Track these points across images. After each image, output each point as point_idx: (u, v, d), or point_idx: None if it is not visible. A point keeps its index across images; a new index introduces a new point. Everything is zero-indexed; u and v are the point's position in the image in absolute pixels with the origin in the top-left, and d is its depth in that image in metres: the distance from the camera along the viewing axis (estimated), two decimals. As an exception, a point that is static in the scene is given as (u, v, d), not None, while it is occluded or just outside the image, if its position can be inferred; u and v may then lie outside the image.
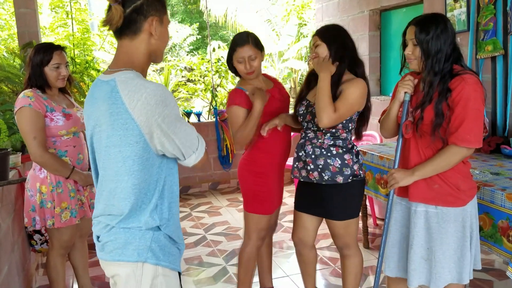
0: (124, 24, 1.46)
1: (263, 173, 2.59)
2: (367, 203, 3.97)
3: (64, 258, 2.80)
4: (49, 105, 2.56)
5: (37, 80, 2.57)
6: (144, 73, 1.53)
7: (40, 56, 2.56)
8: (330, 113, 2.22)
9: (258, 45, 2.53)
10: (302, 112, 2.43)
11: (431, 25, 2.00)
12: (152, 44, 1.52)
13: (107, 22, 1.46)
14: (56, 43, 2.73)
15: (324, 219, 2.55)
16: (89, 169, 2.75)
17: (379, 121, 2.38)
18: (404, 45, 2.13)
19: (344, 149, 2.37)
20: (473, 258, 2.17)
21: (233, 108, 2.52)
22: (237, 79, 2.74)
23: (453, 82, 1.99)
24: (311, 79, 2.49)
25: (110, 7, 1.45)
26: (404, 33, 2.12)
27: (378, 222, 4.28)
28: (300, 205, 2.57)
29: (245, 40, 2.49)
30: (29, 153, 2.51)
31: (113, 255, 1.51)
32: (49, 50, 2.59)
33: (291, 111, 2.69)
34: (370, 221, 4.18)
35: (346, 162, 2.36)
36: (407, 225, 2.23)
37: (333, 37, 2.35)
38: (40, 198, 2.60)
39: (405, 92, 2.13)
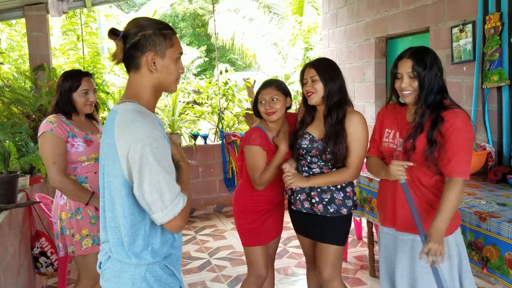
0: (125, 59, 1.52)
1: (245, 210, 2.64)
2: (374, 230, 3.95)
3: None
4: (71, 131, 2.55)
5: (65, 106, 2.58)
6: (150, 106, 1.55)
7: (69, 83, 2.58)
8: (354, 175, 2.38)
9: (281, 89, 2.56)
10: (306, 146, 2.43)
11: (426, 58, 2.04)
12: (155, 78, 1.52)
13: (113, 56, 1.54)
14: (67, 65, 2.77)
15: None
16: None
17: (366, 165, 2.41)
18: (393, 78, 2.14)
19: (347, 182, 2.45)
20: None
21: (255, 149, 2.51)
22: (244, 103, 2.78)
23: (445, 114, 2.03)
24: (307, 112, 2.51)
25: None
26: (395, 66, 2.12)
27: (384, 249, 4.24)
28: (299, 229, 2.63)
29: (269, 83, 2.58)
30: (49, 178, 2.51)
31: (110, 283, 1.53)
32: (78, 76, 2.61)
33: None
34: (376, 248, 4.15)
35: (347, 194, 2.44)
36: (394, 253, 2.23)
37: (331, 80, 2.37)
38: (61, 225, 2.58)
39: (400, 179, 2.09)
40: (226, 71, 9.12)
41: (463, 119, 2.01)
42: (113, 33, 1.49)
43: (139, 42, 1.48)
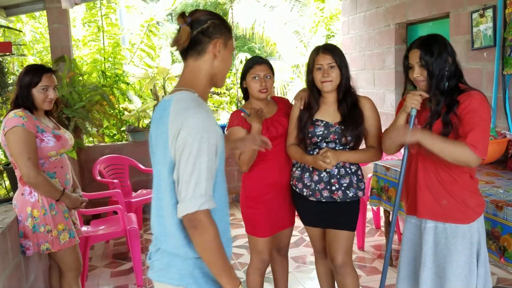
0: (190, 45, 1.52)
1: (253, 197, 2.62)
2: (391, 219, 3.91)
3: (78, 280, 2.71)
4: (40, 126, 2.50)
5: (24, 101, 2.50)
6: (204, 95, 1.56)
7: (29, 77, 2.50)
8: (380, 155, 2.44)
9: (271, 69, 2.59)
10: (321, 132, 2.41)
11: (434, 46, 2.05)
12: (215, 67, 1.55)
13: (175, 42, 1.53)
14: (87, 56, 2.74)
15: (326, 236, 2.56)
16: (74, 190, 2.73)
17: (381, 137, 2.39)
18: (406, 69, 2.16)
19: (357, 165, 2.49)
20: (482, 277, 2.13)
21: (233, 129, 2.54)
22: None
23: (461, 97, 2.04)
24: (312, 99, 2.46)
25: (179, 29, 1.52)
26: (406, 57, 2.14)
27: (403, 238, 4.19)
28: (308, 221, 2.61)
29: (263, 60, 2.57)
30: (22, 175, 2.43)
31: (158, 275, 1.52)
32: (39, 72, 2.53)
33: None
34: (395, 237, 4.12)
35: (359, 177, 2.48)
36: (419, 243, 2.22)
37: (345, 66, 2.39)
38: (33, 223, 2.48)
39: (412, 108, 2.13)
40: (247, 59, 9.08)
41: (478, 100, 2.01)
42: (182, 17, 1.51)
43: (209, 28, 1.51)
